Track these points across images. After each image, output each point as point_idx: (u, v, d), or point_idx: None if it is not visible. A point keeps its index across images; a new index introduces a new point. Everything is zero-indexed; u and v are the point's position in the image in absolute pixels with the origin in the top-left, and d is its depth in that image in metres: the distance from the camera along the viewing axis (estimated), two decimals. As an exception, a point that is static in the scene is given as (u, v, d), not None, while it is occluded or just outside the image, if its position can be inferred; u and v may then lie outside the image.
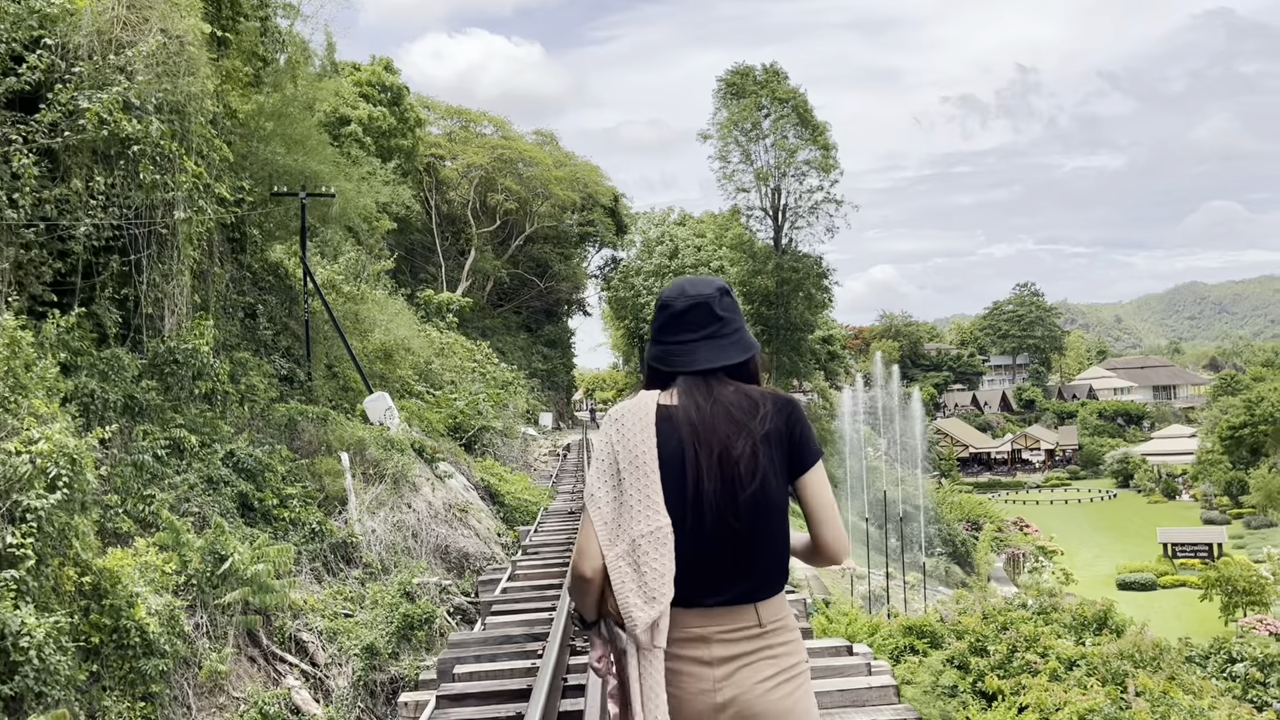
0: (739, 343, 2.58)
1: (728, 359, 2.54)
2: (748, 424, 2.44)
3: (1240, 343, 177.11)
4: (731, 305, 2.62)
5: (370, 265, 17.27)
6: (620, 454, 2.45)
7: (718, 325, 2.55)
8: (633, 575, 2.36)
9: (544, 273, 49.56)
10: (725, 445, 2.42)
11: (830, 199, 45.40)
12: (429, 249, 44.37)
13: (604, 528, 2.42)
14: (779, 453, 2.46)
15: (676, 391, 2.52)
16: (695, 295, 2.58)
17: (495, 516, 15.05)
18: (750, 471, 2.40)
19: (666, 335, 2.58)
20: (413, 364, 18.10)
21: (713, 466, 2.41)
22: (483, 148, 42.94)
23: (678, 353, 2.55)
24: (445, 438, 16.33)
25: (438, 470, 14.28)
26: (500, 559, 14.01)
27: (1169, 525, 56.76)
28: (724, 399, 2.48)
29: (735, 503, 2.40)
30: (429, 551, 12.92)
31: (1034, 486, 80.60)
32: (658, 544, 2.36)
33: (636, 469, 2.41)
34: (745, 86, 44.76)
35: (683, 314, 2.56)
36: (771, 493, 2.43)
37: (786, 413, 2.50)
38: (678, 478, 2.41)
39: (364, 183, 16.67)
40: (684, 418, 2.46)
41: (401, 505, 12.88)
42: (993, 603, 19.53)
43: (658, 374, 2.60)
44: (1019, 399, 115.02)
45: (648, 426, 2.45)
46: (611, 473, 2.46)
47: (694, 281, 2.66)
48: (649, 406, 2.49)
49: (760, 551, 2.44)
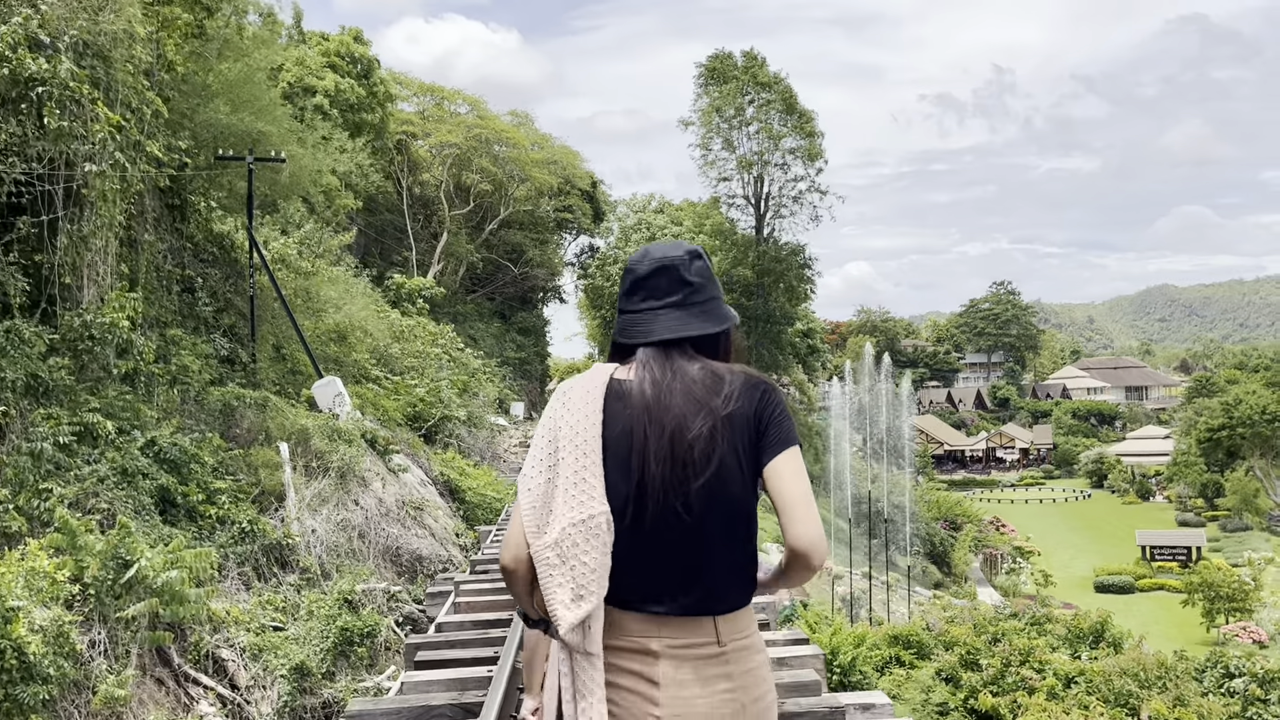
0: (710, 313, 2.27)
1: (694, 330, 2.24)
2: (708, 402, 2.14)
3: (1211, 345, 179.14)
4: (704, 271, 2.31)
5: (327, 240, 15.96)
6: (562, 432, 2.17)
7: (686, 292, 2.26)
8: (560, 569, 2.08)
9: (519, 258, 48.21)
10: (679, 424, 2.12)
11: (815, 188, 44.24)
12: (400, 231, 42.89)
13: (532, 513, 2.14)
14: (744, 439, 2.13)
15: (634, 365, 2.23)
16: (661, 258, 2.29)
17: (454, 514, 13.84)
18: (705, 455, 2.09)
19: (629, 303, 2.31)
20: (370, 348, 16.83)
21: (662, 448, 2.11)
22: (457, 126, 41.50)
23: (638, 322, 2.27)
24: (402, 427, 15.10)
25: (391, 463, 13.05)
26: (458, 561, 12.84)
27: (1144, 526, 56.38)
28: (684, 374, 2.18)
29: (686, 491, 2.09)
30: (377, 554, 11.71)
31: (1008, 485, 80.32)
32: (589, 535, 2.08)
33: (576, 449, 2.14)
34: (727, 72, 43.45)
35: (646, 279, 2.29)
36: (731, 484, 2.11)
37: (757, 393, 2.18)
38: (623, 461, 2.13)
39: (320, 150, 15.34)
40: (637, 393, 2.18)
41: (348, 502, 11.65)
42: (982, 612, 18.59)
43: (619, 347, 2.32)
44: (994, 397, 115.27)
45: (595, 402, 2.18)
46: (549, 452, 2.18)
47: (662, 244, 2.37)
48: (600, 380, 2.22)
49: (715, 553, 2.12)
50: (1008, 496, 73.93)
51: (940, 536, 42.23)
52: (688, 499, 2.10)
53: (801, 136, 42.88)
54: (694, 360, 2.22)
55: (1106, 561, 48.12)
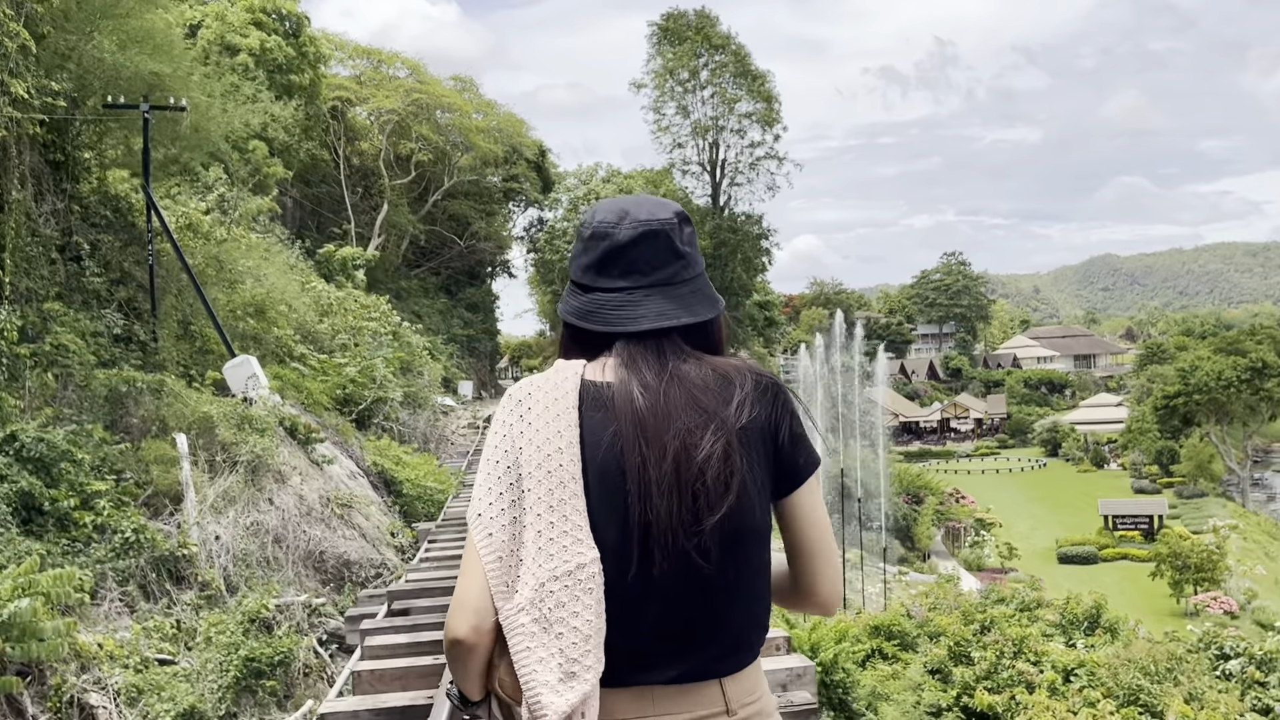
0: (702, 293, 1.68)
1: (688, 316, 1.64)
2: (718, 412, 1.57)
3: (1155, 313, 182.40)
4: (693, 240, 1.71)
5: (244, 203, 14.19)
6: (525, 454, 1.55)
7: (677, 266, 1.66)
8: (541, 638, 1.50)
9: (464, 231, 46.31)
10: (685, 443, 1.54)
11: (772, 155, 42.75)
12: (338, 202, 40.75)
13: (497, 565, 1.53)
14: (761, 456, 1.59)
15: (612, 364, 1.62)
16: (648, 221, 1.65)
17: (389, 510, 12.25)
18: (722, 482, 1.54)
19: (601, 278, 1.65)
20: (296, 323, 15.10)
21: (666, 475, 1.53)
22: (396, 92, 39.40)
23: (616, 305, 1.64)
24: (331, 412, 13.44)
25: (315, 454, 11.41)
26: (393, 564, 11.26)
27: (1100, 494, 56.22)
28: (684, 376, 1.60)
29: (699, 531, 1.53)
30: (297, 560, 10.10)
31: (964, 456, 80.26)
32: (579, 590, 1.50)
33: (549, 477, 1.53)
34: (681, 32, 41.69)
35: (626, 247, 1.63)
36: (751, 515, 1.58)
37: (771, 397, 1.62)
38: (613, 492, 1.54)
39: (232, 100, 13.51)
40: (624, 402, 1.58)
41: (260, 501, 10.01)
42: (966, 596, 17.50)
43: (583, 338, 1.66)
44: (946, 367, 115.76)
45: (567, 413, 1.56)
46: (509, 482, 1.56)
47: (641, 201, 1.69)
48: (570, 384, 1.59)
49: (734, 604, 1.59)
50: (964, 467, 73.68)
51: (903, 511, 41.42)
52: (702, 541, 1.53)
53: (757, 100, 41.37)
54: (689, 356, 1.63)
55: (1067, 531, 47.76)
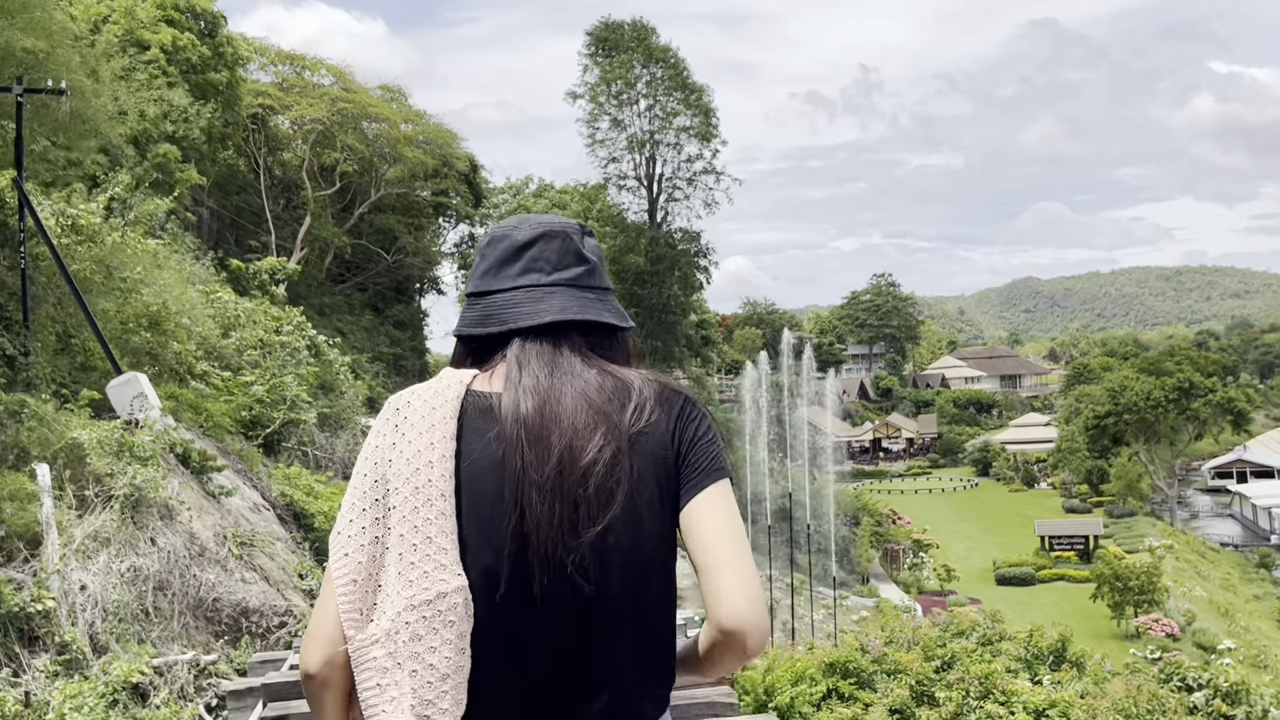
0: (610, 304, 1.57)
1: (596, 314, 1.52)
2: (611, 415, 1.42)
3: (1077, 335, 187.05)
4: (598, 252, 1.60)
5: (139, 204, 12.72)
6: (394, 468, 1.41)
7: (582, 270, 1.55)
8: (394, 675, 1.34)
9: (392, 245, 44.62)
10: (571, 444, 1.39)
11: (710, 170, 41.92)
12: (258, 214, 38.83)
13: (350, 589, 1.37)
14: (659, 470, 1.43)
15: (504, 368, 1.48)
16: (547, 223, 1.57)
17: (299, 547, 10.84)
18: (605, 490, 1.38)
19: (500, 278, 1.53)
20: (199, 337, 13.61)
21: (547, 481, 1.37)
22: (320, 99, 37.75)
23: (515, 302, 1.51)
24: (235, 436, 12.00)
25: (211, 485, 9.99)
26: (301, 611, 9.87)
27: (1031, 514, 56.53)
28: (579, 376, 1.46)
29: (578, 545, 1.37)
30: (185, 610, 8.68)
31: (897, 475, 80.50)
32: (439, 623, 1.34)
33: (416, 494, 1.38)
34: (617, 42, 40.76)
35: (529, 245, 1.54)
36: (642, 534, 1.40)
37: (676, 405, 1.49)
38: (489, 508, 1.38)
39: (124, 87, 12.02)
40: (510, 406, 1.42)
41: (141, 542, 8.58)
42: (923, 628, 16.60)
43: (475, 344, 1.53)
44: (877, 387, 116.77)
45: (444, 422, 1.42)
46: (375, 498, 1.41)
47: (542, 215, 1.62)
48: (452, 392, 1.45)
49: (620, 639, 1.40)
50: (897, 487, 73.78)
51: (841, 533, 40.76)
52: (582, 556, 1.37)
53: (695, 114, 40.58)
54: (590, 360, 1.49)
55: (1003, 551, 47.68)
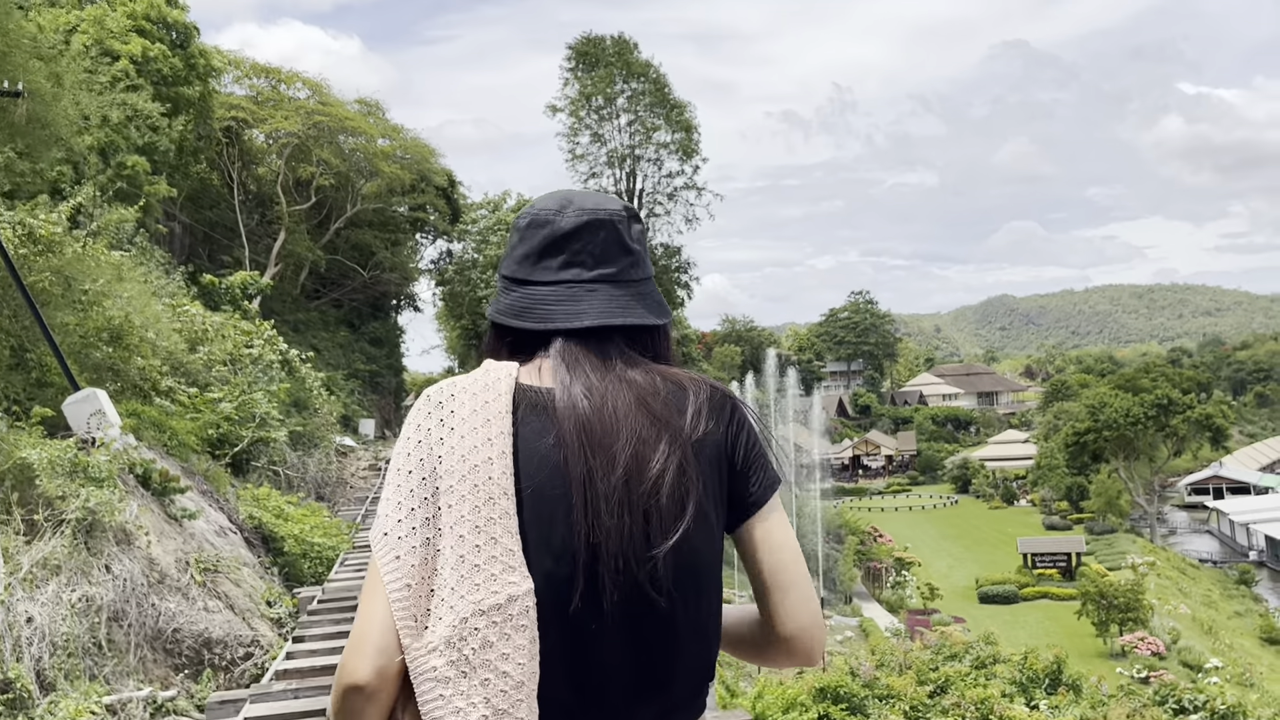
0: (651, 296, 1.46)
1: (637, 315, 1.42)
2: (672, 421, 1.34)
3: (1053, 352, 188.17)
4: (643, 239, 1.49)
5: (103, 214, 12.16)
6: (445, 464, 1.29)
7: (625, 263, 1.43)
8: (459, 685, 1.23)
9: (368, 261, 44.02)
10: (637, 454, 1.31)
11: (691, 185, 41.57)
12: (231, 229, 38.18)
13: (404, 594, 1.25)
14: (716, 478, 1.37)
15: (549, 366, 1.39)
16: (594, 210, 1.42)
17: (266, 572, 10.28)
18: (676, 501, 1.31)
19: (540, 269, 1.42)
20: (165, 352, 13.04)
21: (616, 488, 1.29)
22: (295, 113, 37.19)
23: (556, 299, 1.41)
24: (202, 455, 11.44)
25: (173, 507, 9.43)
26: (268, 641, 9.32)
27: (1012, 530, 56.29)
28: (632, 380, 1.37)
29: (652, 556, 1.30)
30: (142, 642, 8.12)
31: (876, 493, 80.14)
32: (509, 628, 1.24)
33: (475, 492, 1.27)
34: (598, 56, 40.43)
35: (572, 236, 1.41)
36: (706, 543, 1.35)
37: (727, 411, 1.41)
38: (552, 510, 1.29)
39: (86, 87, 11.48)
40: (566, 406, 1.33)
41: (94, 570, 8.03)
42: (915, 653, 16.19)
43: (514, 340, 1.44)
44: (855, 404, 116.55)
45: (500, 418, 1.31)
46: (424, 496, 1.29)
47: (586, 193, 1.48)
48: (503, 385, 1.34)
49: (689, 644, 1.35)
50: (877, 504, 73.42)
51: (825, 551, 40.32)
52: (655, 570, 1.29)
53: (676, 129, 40.27)
54: (637, 362, 1.40)
55: (984, 569, 47.37)
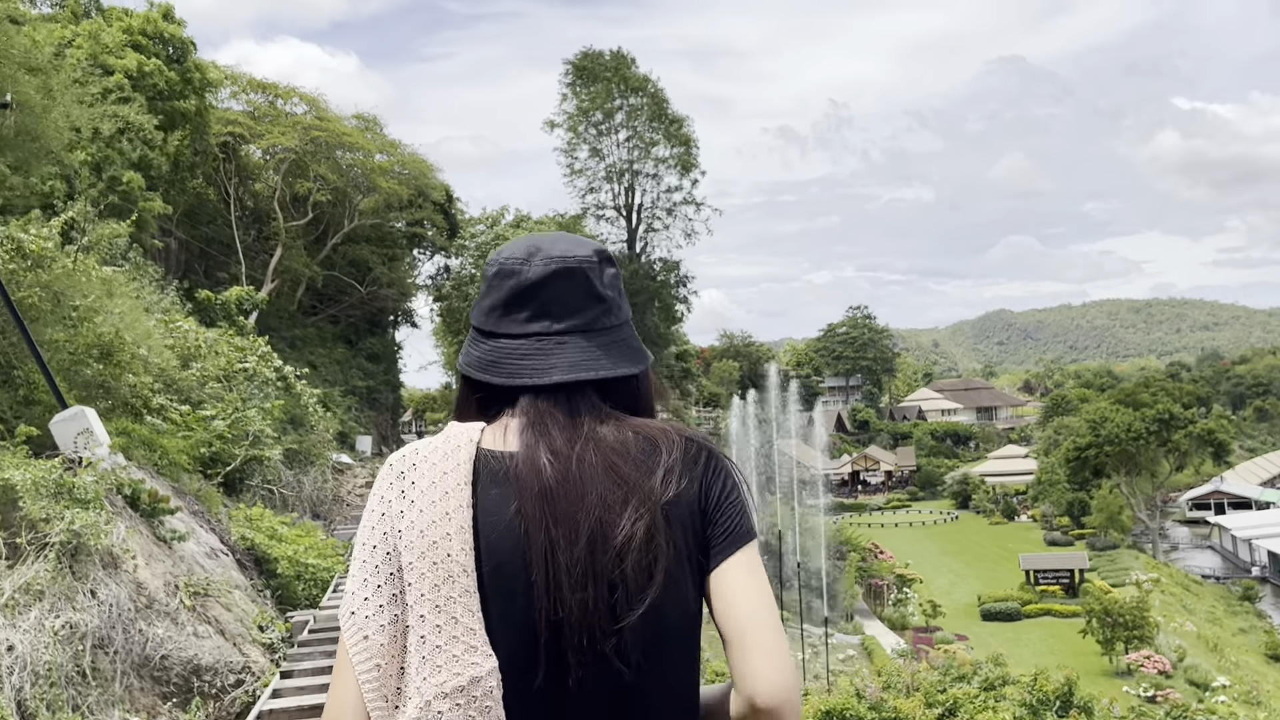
0: (625, 344, 1.44)
1: (609, 368, 1.39)
2: (640, 484, 1.31)
3: (1052, 366, 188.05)
4: (617, 283, 1.46)
5: (94, 228, 11.93)
6: (406, 539, 1.29)
7: (597, 311, 1.41)
8: None
9: (365, 277, 43.81)
10: (601, 521, 1.29)
11: (690, 200, 41.44)
12: (228, 245, 37.97)
13: (374, 675, 1.27)
14: (688, 536, 1.33)
15: (515, 425, 1.37)
16: (562, 256, 1.40)
17: (258, 595, 9.99)
18: (644, 570, 1.28)
19: (507, 322, 1.40)
20: (157, 369, 12.78)
21: (579, 560, 1.27)
22: (292, 128, 37.03)
23: (523, 354, 1.39)
24: (194, 475, 11.16)
25: (162, 529, 9.15)
26: (260, 668, 9.02)
27: (1012, 546, 55.94)
28: (601, 439, 1.34)
29: (618, 629, 1.27)
30: (129, 669, 7.83)
31: (876, 508, 79.76)
32: (476, 710, 1.24)
33: (435, 569, 1.27)
34: (597, 72, 40.35)
35: (539, 286, 1.39)
36: (677, 611, 1.31)
37: (702, 465, 1.37)
38: (513, 584, 1.28)
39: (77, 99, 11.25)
40: (529, 473, 1.31)
41: (79, 594, 7.74)
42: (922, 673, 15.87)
43: (483, 394, 1.43)
44: (854, 420, 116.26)
45: (458, 490, 1.30)
46: (389, 572, 1.30)
47: (555, 238, 1.44)
48: (463, 454, 1.34)
49: (660, 713, 1.31)
50: (877, 520, 73.05)
51: (826, 568, 39.98)
52: (622, 642, 1.26)
53: (675, 144, 40.16)
54: (608, 417, 1.37)
55: (986, 585, 47.02)
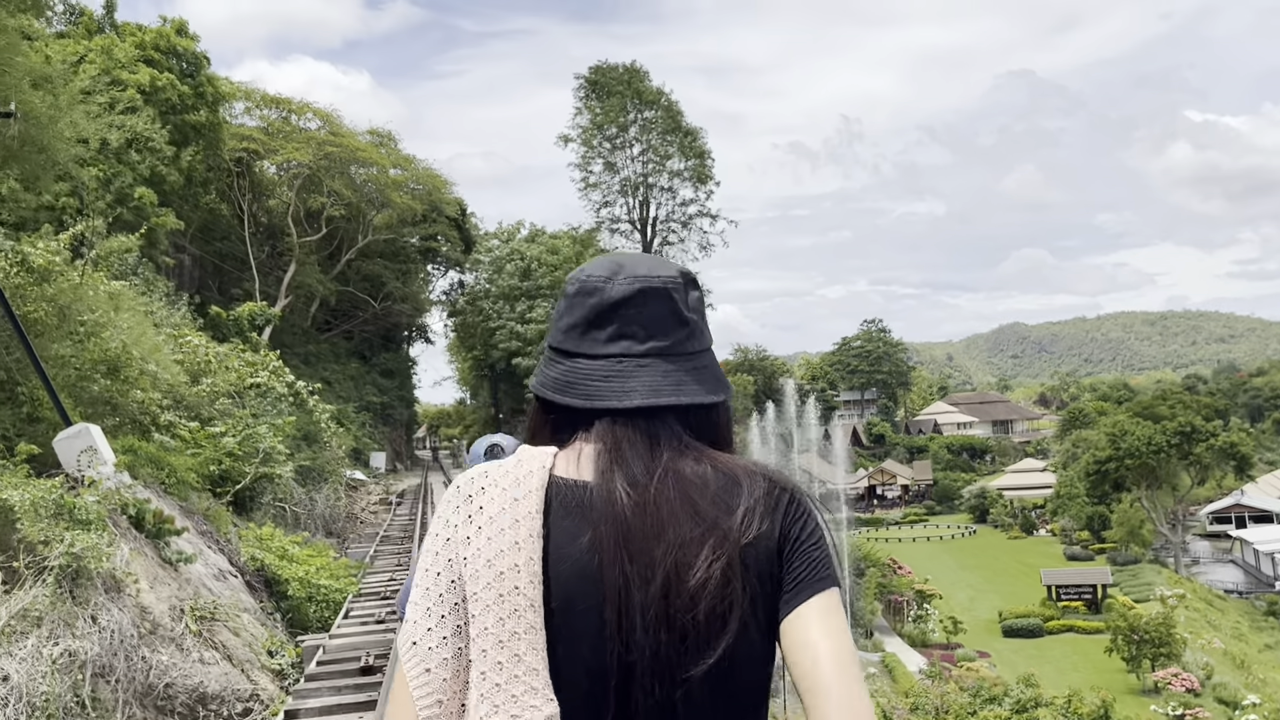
0: (709, 370, 1.33)
1: (690, 394, 1.29)
2: (720, 523, 1.21)
3: (1067, 379, 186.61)
4: (700, 307, 1.36)
5: (102, 241, 11.69)
6: (470, 568, 1.20)
7: (681, 335, 1.31)
8: None
9: (379, 292, 43.65)
10: (677, 561, 1.19)
11: (705, 213, 41.12)
12: (241, 261, 37.85)
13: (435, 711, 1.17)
14: (764, 583, 1.23)
15: (590, 452, 1.26)
16: (646, 276, 1.31)
17: (269, 619, 9.65)
18: (716, 616, 1.18)
19: (588, 341, 1.30)
20: (166, 385, 12.51)
21: (653, 601, 1.18)
22: (306, 143, 36.93)
23: (602, 376, 1.29)
24: (202, 493, 10.86)
25: (167, 551, 8.82)
26: (269, 695, 8.67)
27: (1031, 561, 55.21)
28: (681, 472, 1.24)
29: (687, 679, 1.17)
30: (131, 699, 7.49)
31: (893, 523, 78.99)
32: None
33: (500, 603, 1.18)
34: (610, 85, 40.11)
35: (620, 305, 1.29)
36: (749, 662, 1.21)
37: (783, 504, 1.27)
38: (584, 621, 1.19)
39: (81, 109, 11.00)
40: (605, 504, 1.22)
41: (79, 620, 7.41)
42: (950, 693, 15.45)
43: (556, 414, 1.32)
44: (869, 434, 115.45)
45: (529, 520, 1.20)
46: (453, 603, 1.20)
47: (639, 258, 1.36)
48: (535, 481, 1.23)
49: None
50: (894, 535, 72.31)
51: (848, 584, 39.43)
52: (690, 691, 1.17)
53: (689, 157, 39.87)
54: (688, 448, 1.27)
55: (1006, 601, 46.34)
